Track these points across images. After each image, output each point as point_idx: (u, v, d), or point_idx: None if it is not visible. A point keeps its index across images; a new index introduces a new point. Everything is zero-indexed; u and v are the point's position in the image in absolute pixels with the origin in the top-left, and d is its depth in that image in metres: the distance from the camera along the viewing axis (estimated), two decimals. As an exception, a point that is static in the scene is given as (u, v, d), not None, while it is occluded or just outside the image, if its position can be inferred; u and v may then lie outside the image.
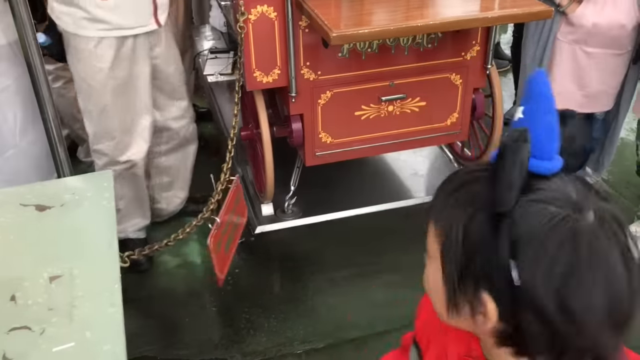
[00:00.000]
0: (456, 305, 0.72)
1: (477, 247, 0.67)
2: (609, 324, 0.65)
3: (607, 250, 0.64)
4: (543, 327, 0.65)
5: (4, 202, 1.10)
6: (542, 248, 0.63)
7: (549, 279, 0.63)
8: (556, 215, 0.64)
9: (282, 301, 2.38)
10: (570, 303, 0.63)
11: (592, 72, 2.44)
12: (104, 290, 0.90)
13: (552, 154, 0.68)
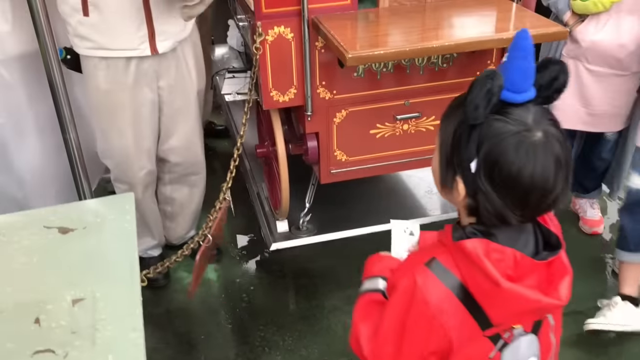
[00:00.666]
0: (444, 184, 1.04)
1: (457, 145, 0.98)
2: (527, 203, 0.95)
3: (544, 155, 0.93)
4: (489, 203, 0.95)
5: (28, 223, 1.13)
6: (494, 149, 0.93)
7: (493, 169, 0.93)
8: (510, 130, 0.93)
9: (297, 319, 2.39)
10: (507, 187, 0.94)
11: (596, 91, 2.42)
12: (126, 315, 0.92)
13: (524, 89, 0.95)
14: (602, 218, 2.81)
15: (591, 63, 2.37)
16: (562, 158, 0.94)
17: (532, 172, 0.92)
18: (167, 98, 2.10)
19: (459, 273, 0.99)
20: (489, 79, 0.92)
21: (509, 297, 0.95)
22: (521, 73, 0.93)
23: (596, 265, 2.63)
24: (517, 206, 0.95)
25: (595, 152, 2.64)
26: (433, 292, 0.99)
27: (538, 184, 0.93)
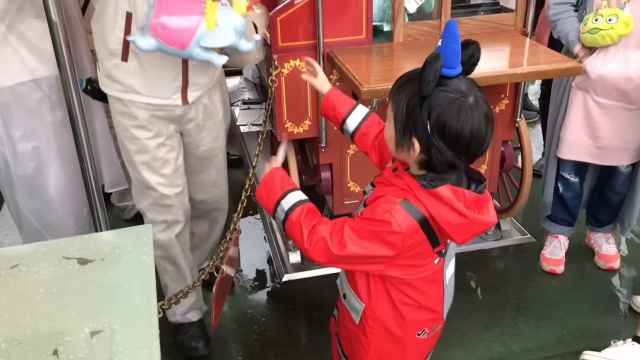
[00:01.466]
0: (401, 145, 1.31)
1: (411, 113, 1.27)
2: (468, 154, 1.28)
3: (478, 114, 1.25)
4: (442, 156, 1.25)
5: (47, 254, 1.14)
6: (442, 113, 1.23)
7: (444, 129, 1.24)
8: (451, 98, 1.24)
9: (308, 352, 2.37)
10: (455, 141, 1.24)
11: (604, 124, 2.42)
12: (144, 347, 0.92)
13: (455, 65, 1.24)
14: (618, 253, 2.78)
15: (599, 95, 2.38)
16: (489, 114, 1.28)
17: (471, 128, 1.24)
18: (195, 138, 2.09)
19: (425, 210, 1.31)
20: (436, 60, 1.21)
21: (473, 224, 1.30)
22: (453, 54, 1.23)
23: (611, 302, 2.59)
24: (463, 154, 1.27)
25: (609, 185, 2.63)
26: (402, 222, 1.30)
27: (476, 135, 1.25)
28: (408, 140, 1.29)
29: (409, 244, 1.34)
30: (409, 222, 1.31)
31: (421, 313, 1.50)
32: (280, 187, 1.45)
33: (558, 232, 2.75)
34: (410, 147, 1.29)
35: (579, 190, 2.68)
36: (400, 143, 1.31)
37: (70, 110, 1.76)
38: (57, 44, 1.66)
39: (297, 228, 1.38)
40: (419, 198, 1.32)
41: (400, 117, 1.29)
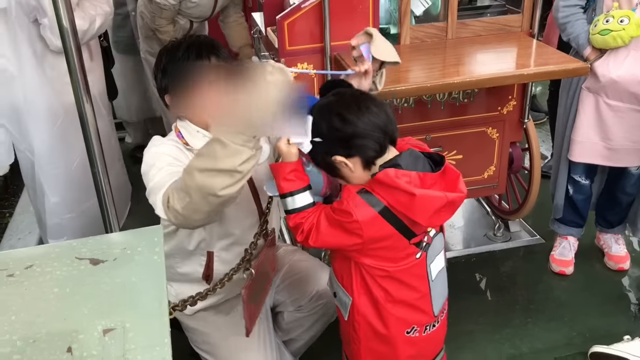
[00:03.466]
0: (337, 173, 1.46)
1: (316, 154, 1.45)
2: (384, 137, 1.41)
3: (327, 102, 1.45)
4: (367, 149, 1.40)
5: (60, 254, 1.16)
6: (323, 122, 1.41)
7: (337, 131, 1.40)
8: (324, 106, 1.44)
9: (319, 355, 2.37)
10: (330, 130, 1.40)
11: (615, 125, 2.42)
12: (155, 345, 0.93)
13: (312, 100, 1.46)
14: (628, 254, 2.78)
15: (610, 98, 2.37)
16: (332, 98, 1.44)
17: (356, 123, 1.39)
18: None
19: (383, 199, 1.38)
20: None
21: (424, 200, 1.36)
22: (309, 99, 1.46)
23: (621, 303, 2.58)
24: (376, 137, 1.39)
25: (619, 186, 2.62)
26: (360, 212, 1.37)
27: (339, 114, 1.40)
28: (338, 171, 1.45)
29: (373, 235, 1.41)
30: (367, 212, 1.38)
31: (405, 310, 1.53)
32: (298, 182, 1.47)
33: (567, 233, 2.75)
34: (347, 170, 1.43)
35: (589, 192, 2.67)
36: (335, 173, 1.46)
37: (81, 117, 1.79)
38: (68, 47, 1.69)
39: (298, 221, 1.47)
40: (374, 189, 1.39)
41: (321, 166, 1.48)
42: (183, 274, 1.86)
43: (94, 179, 1.84)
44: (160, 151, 1.66)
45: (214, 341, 1.93)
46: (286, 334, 2.11)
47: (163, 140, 1.72)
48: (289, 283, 2.05)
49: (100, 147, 1.85)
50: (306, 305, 2.02)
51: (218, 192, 1.29)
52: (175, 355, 0.94)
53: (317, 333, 2.14)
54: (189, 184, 1.32)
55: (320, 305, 2.02)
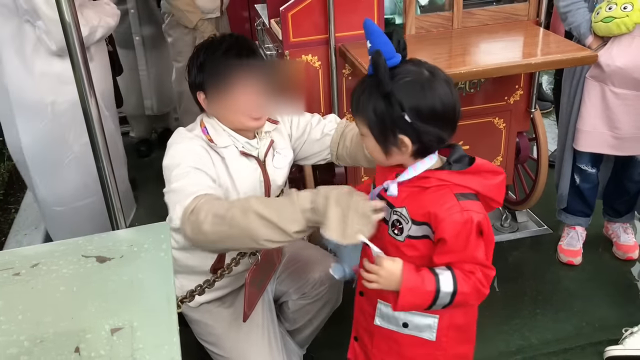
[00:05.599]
0: (389, 150, 1.33)
1: (384, 116, 1.28)
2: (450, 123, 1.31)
3: (438, 83, 1.28)
4: (430, 135, 1.29)
5: (66, 252, 1.15)
6: (411, 98, 1.26)
7: (419, 110, 1.27)
8: (410, 81, 1.27)
9: (326, 346, 2.37)
10: (432, 116, 1.27)
11: (621, 114, 2.39)
12: (164, 343, 0.92)
13: (394, 54, 1.28)
14: (637, 243, 2.75)
15: (617, 86, 2.34)
16: (447, 78, 1.31)
17: (440, 98, 1.27)
18: None
19: (470, 189, 1.32)
20: (379, 56, 1.25)
21: (502, 180, 1.36)
22: (386, 46, 1.27)
23: (630, 292, 2.57)
24: (445, 125, 1.30)
25: (627, 174, 2.59)
26: (479, 208, 1.32)
27: (447, 102, 1.28)
28: (395, 141, 1.30)
29: (489, 222, 1.36)
30: (477, 204, 1.32)
31: None
32: (428, 280, 1.31)
33: (575, 223, 2.73)
34: (400, 145, 1.31)
35: (596, 180, 2.65)
36: (387, 148, 1.32)
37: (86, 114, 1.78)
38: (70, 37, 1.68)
39: (472, 292, 1.34)
40: (460, 183, 1.32)
41: (375, 124, 1.31)
42: (188, 267, 1.86)
43: (99, 174, 1.84)
44: (187, 148, 1.67)
45: (219, 332, 1.93)
46: (292, 323, 2.12)
47: (188, 136, 1.72)
48: (291, 272, 2.06)
49: (105, 143, 1.84)
50: (310, 291, 2.02)
51: (260, 241, 1.40)
52: (185, 351, 0.93)
53: (323, 321, 2.14)
54: (238, 220, 1.39)
55: (324, 289, 2.02)
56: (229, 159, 1.73)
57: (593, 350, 2.27)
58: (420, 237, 1.36)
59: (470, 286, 1.32)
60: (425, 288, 1.30)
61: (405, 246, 1.38)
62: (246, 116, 1.70)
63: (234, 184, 1.74)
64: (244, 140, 1.76)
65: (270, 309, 2.03)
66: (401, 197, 1.37)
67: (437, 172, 1.34)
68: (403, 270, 1.31)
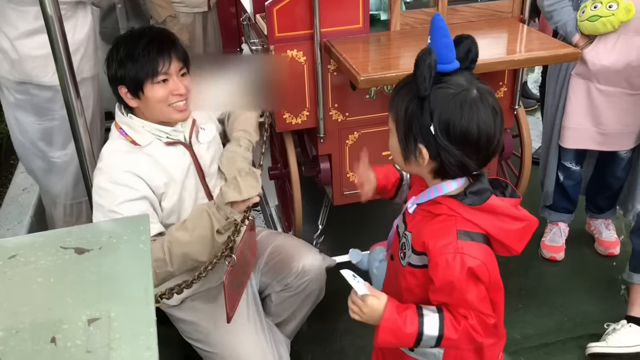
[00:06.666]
0: (407, 155, 1.22)
1: (412, 119, 1.18)
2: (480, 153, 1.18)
3: (483, 108, 1.15)
4: (451, 157, 1.17)
5: (45, 244, 1.14)
6: (444, 111, 1.15)
7: (448, 128, 1.15)
8: (452, 93, 1.15)
9: (310, 341, 2.38)
10: (462, 139, 1.16)
11: (607, 110, 2.42)
12: (141, 333, 0.92)
13: (451, 60, 1.17)
14: (618, 239, 2.79)
15: (602, 83, 2.37)
16: (496, 107, 1.18)
17: (477, 122, 1.15)
18: None
19: (479, 228, 1.21)
20: (428, 55, 1.12)
21: (531, 225, 1.24)
22: (446, 47, 1.16)
23: (611, 287, 2.60)
24: (472, 153, 1.17)
25: (609, 171, 2.62)
26: (477, 252, 1.19)
27: (483, 130, 1.15)
28: (414, 148, 1.20)
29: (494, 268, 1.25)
30: (478, 247, 1.21)
31: None
32: (410, 322, 1.25)
33: (558, 219, 2.75)
34: (417, 155, 1.21)
35: (579, 178, 2.68)
36: (406, 153, 1.22)
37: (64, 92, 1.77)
38: (55, 44, 1.68)
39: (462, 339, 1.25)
40: (470, 219, 1.21)
41: (402, 124, 1.21)
42: None
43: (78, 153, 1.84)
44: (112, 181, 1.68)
45: (204, 329, 1.93)
46: (276, 317, 2.13)
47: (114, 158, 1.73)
48: (273, 264, 2.07)
49: (85, 122, 1.84)
50: (292, 282, 2.04)
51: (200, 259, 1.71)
52: (170, 350, 0.93)
53: (306, 314, 2.16)
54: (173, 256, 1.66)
55: (306, 281, 2.04)
56: (157, 155, 1.76)
57: (574, 345, 2.30)
58: (420, 267, 1.29)
59: (460, 332, 1.23)
60: (406, 330, 1.24)
61: (407, 272, 1.32)
62: (170, 108, 1.73)
63: (171, 176, 1.76)
64: (169, 130, 1.78)
65: (255, 300, 2.03)
66: (414, 221, 1.30)
67: (450, 200, 1.23)
68: (385, 310, 1.25)
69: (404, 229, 1.35)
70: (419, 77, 1.14)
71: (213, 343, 1.92)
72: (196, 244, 1.66)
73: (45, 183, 2.60)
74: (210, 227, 1.65)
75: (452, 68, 1.18)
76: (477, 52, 1.20)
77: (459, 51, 1.19)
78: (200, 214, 1.67)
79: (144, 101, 1.72)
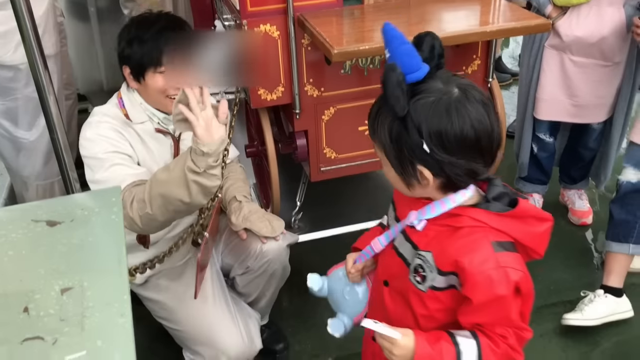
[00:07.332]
0: (409, 182, 1.12)
1: (399, 141, 1.07)
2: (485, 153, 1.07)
3: (469, 106, 1.04)
4: (457, 168, 1.06)
5: (16, 218, 1.13)
6: (432, 123, 1.04)
7: (441, 139, 1.04)
8: (432, 101, 1.04)
9: (290, 315, 2.40)
10: (460, 146, 1.04)
11: (580, 82, 2.45)
12: (114, 301, 0.92)
13: (417, 67, 1.05)
14: (591, 209, 2.84)
15: (575, 54, 2.39)
16: (485, 100, 1.08)
17: (471, 123, 1.04)
18: None
19: (508, 237, 1.11)
20: (392, 72, 1.03)
21: (550, 226, 1.14)
22: (408, 55, 1.06)
23: (584, 256, 2.65)
24: (477, 156, 1.07)
25: (582, 142, 2.67)
26: (517, 264, 1.10)
27: (480, 130, 1.05)
28: (413, 172, 1.09)
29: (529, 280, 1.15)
30: (516, 258, 1.11)
31: None
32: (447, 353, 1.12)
33: (532, 191, 2.80)
34: (420, 178, 1.10)
35: (553, 149, 2.72)
36: (407, 179, 1.11)
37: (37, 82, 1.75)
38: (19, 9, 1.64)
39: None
40: (498, 227, 1.10)
41: (391, 151, 1.09)
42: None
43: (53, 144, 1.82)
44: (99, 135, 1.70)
45: (170, 307, 1.94)
46: (247, 296, 2.15)
47: (97, 120, 1.75)
48: (233, 247, 2.09)
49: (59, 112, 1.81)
50: (253, 265, 2.05)
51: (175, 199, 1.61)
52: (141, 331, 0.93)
53: (277, 289, 2.17)
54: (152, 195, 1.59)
55: (267, 262, 2.04)
56: (144, 136, 1.78)
57: (549, 312, 2.35)
58: (445, 289, 1.15)
59: (499, 355, 1.12)
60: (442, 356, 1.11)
61: (428, 297, 1.17)
62: (168, 100, 1.74)
63: (152, 158, 1.77)
64: (162, 116, 1.79)
65: (219, 276, 2.05)
66: (427, 238, 1.16)
67: (472, 210, 1.12)
68: (416, 345, 1.12)
69: (411, 248, 1.19)
70: (391, 98, 1.03)
71: (178, 320, 1.94)
72: (174, 185, 1.58)
73: (15, 165, 2.57)
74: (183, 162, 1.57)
75: (421, 75, 1.06)
76: (441, 45, 1.10)
77: (422, 52, 1.09)
78: (180, 155, 1.64)
79: (144, 86, 1.74)
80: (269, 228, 1.94)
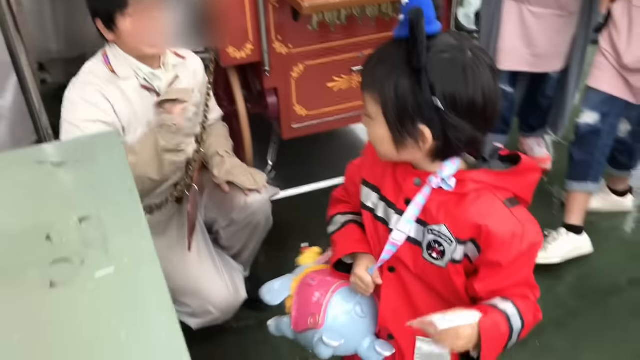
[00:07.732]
0: (403, 143, 1.05)
1: (406, 96, 1.00)
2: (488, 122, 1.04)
3: (483, 69, 1.00)
4: (461, 133, 1.01)
5: (19, 161, 1.15)
6: (447, 81, 0.98)
7: (454, 100, 0.99)
8: (448, 59, 0.99)
9: (268, 268, 2.46)
10: (469, 110, 1.00)
11: (538, 32, 2.55)
12: (133, 226, 0.97)
13: (433, 20, 0.99)
14: (549, 155, 2.99)
15: (533, 5, 2.50)
16: (493, 65, 1.04)
17: (482, 89, 1.00)
18: None
19: (510, 192, 1.08)
20: (421, 17, 0.95)
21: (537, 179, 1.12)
22: (426, 5, 0.99)
23: (544, 199, 2.81)
24: (482, 123, 1.03)
25: (540, 90, 2.79)
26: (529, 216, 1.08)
27: (488, 97, 1.01)
28: (413, 132, 1.02)
29: None
30: (525, 210, 1.10)
31: None
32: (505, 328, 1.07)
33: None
34: (418, 138, 1.03)
35: (513, 99, 2.84)
36: (401, 139, 1.04)
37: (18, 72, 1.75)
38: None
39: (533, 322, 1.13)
40: (500, 185, 1.07)
41: (392, 107, 1.02)
42: None
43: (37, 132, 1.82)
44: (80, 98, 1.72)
45: None
46: (230, 249, 2.20)
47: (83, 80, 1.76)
48: (216, 200, 2.12)
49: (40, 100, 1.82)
50: (237, 217, 2.09)
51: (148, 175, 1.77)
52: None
53: (259, 241, 2.23)
54: None
55: (251, 214, 2.08)
56: (129, 93, 1.79)
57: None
58: (460, 262, 1.10)
59: (531, 315, 1.11)
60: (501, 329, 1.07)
61: (451, 273, 1.11)
62: (142, 44, 1.75)
63: (136, 117, 1.80)
64: (148, 71, 1.81)
65: (203, 231, 2.09)
66: (434, 211, 1.09)
67: (474, 173, 1.07)
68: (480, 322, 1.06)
69: (418, 226, 1.12)
70: (420, 46, 0.95)
71: (165, 274, 1.97)
72: (143, 165, 1.69)
73: None
74: (154, 142, 1.70)
75: (437, 29, 1.01)
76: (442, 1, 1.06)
77: None
78: (145, 136, 1.73)
79: (118, 35, 1.74)
80: (252, 181, 1.99)
